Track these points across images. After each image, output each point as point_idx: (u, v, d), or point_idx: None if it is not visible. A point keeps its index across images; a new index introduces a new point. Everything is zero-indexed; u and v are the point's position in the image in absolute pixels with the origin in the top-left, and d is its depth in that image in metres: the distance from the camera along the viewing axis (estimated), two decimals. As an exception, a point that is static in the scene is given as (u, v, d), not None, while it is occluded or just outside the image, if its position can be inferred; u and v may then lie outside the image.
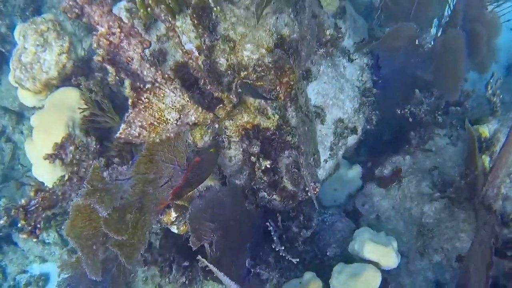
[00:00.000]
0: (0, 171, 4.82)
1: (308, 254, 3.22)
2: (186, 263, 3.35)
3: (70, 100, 3.11)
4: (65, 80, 3.28)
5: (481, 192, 2.83)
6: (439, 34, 3.54)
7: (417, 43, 3.36)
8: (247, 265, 3.03)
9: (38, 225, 2.99)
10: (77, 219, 2.73)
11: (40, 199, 2.92)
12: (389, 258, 2.84)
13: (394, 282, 3.14)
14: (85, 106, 3.03)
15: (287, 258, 2.94)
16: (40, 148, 3.07)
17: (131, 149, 3.19)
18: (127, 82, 2.59)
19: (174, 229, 3.21)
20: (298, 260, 2.88)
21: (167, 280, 3.51)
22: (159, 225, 3.32)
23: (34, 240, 3.10)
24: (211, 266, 2.58)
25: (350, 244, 3.02)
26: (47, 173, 3.12)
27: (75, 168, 2.92)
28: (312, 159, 3.12)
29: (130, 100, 2.55)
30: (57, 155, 2.84)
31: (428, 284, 3.20)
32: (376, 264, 2.82)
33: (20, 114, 4.64)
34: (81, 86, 2.93)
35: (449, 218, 3.18)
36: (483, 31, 3.19)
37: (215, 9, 2.81)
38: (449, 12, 3.45)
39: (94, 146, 2.96)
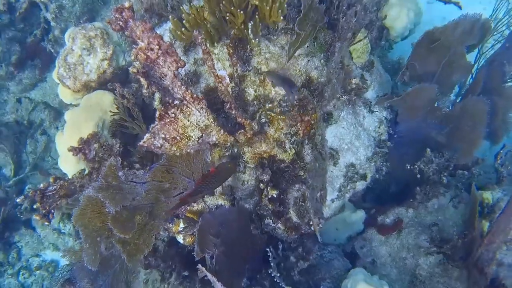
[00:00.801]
0: (32, 160, 5.12)
1: (302, 285, 3.33)
2: (185, 273, 3.50)
3: (104, 103, 3.34)
4: (102, 84, 3.52)
5: (476, 254, 2.94)
6: (458, 100, 3.70)
7: (436, 105, 3.52)
8: (243, 284, 3.17)
9: (52, 211, 3.18)
10: (87, 209, 2.92)
11: (58, 186, 3.11)
12: (379, 301, 2.95)
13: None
14: (116, 110, 3.24)
15: (281, 284, 3.07)
16: (68, 142, 3.28)
17: (153, 157, 3.37)
18: (157, 96, 2.77)
19: (180, 239, 3.37)
20: (290, 288, 3.01)
21: (166, 285, 3.66)
22: (167, 233, 3.47)
23: (46, 223, 3.26)
24: (209, 275, 2.71)
25: (343, 282, 3.13)
26: (70, 166, 3.34)
27: (97, 165, 3.11)
28: (319, 194, 3.26)
29: (157, 113, 2.74)
30: (81, 149, 3.04)
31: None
32: (366, 305, 2.94)
33: (58, 111, 4.92)
34: (115, 92, 3.13)
35: (442, 274, 3.28)
36: (501, 103, 3.36)
37: (253, 41, 3.00)
38: (471, 81, 3.64)
39: (118, 148, 3.15)
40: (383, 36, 3.77)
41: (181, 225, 3.33)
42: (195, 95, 2.74)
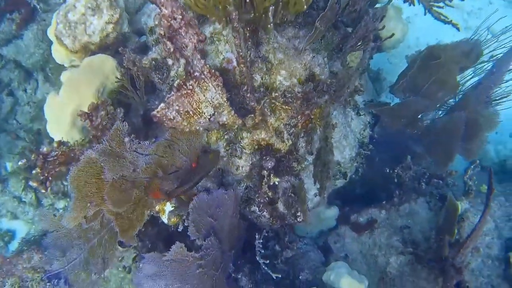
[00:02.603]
0: (-6, 121, 4.74)
1: (284, 273, 3.41)
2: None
3: (106, 67, 3.19)
4: (102, 48, 3.36)
5: (452, 256, 3.19)
6: (439, 114, 3.99)
7: (419, 117, 3.77)
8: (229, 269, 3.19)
9: (50, 178, 3.00)
10: (84, 170, 2.78)
11: (60, 152, 2.95)
12: (360, 294, 3.11)
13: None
14: (120, 77, 3.13)
15: (264, 271, 3.12)
16: (64, 104, 3.11)
17: (147, 133, 3.29)
18: (182, 62, 2.71)
19: (164, 219, 3.28)
20: (279, 276, 3.08)
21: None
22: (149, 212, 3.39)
23: (43, 191, 3.05)
24: None
25: (325, 273, 3.26)
26: (61, 132, 3.15)
27: (99, 133, 2.98)
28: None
29: (177, 82, 2.69)
30: (90, 115, 2.90)
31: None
32: (348, 298, 3.09)
33: (30, 73, 4.62)
34: (124, 57, 3.02)
35: (411, 273, 3.52)
36: (482, 122, 3.67)
37: (269, 27, 3.02)
38: (456, 99, 3.94)
39: (120, 118, 3.04)
40: (376, 46, 3.96)
41: (168, 204, 3.26)
42: (213, 70, 2.73)
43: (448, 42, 3.76)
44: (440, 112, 4.05)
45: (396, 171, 3.72)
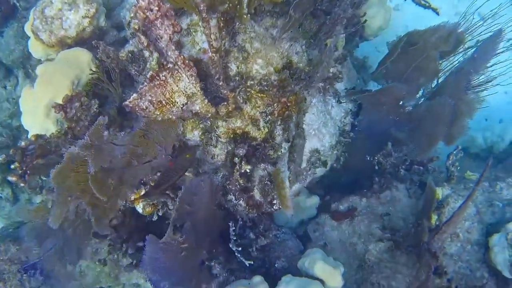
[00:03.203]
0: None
1: (257, 261, 3.44)
2: (140, 244, 3.50)
3: (82, 60, 3.23)
4: (79, 42, 3.40)
5: (431, 241, 3.20)
6: (421, 101, 3.97)
7: (400, 103, 3.75)
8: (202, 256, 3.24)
9: (28, 171, 3.07)
10: (67, 167, 2.83)
11: (38, 145, 3.02)
12: (335, 279, 3.10)
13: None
14: (96, 69, 3.18)
15: (239, 259, 3.16)
16: (38, 96, 3.17)
17: (122, 122, 3.33)
18: (155, 56, 2.75)
19: (139, 209, 3.33)
20: (252, 262, 3.11)
21: (117, 256, 3.64)
22: (124, 203, 3.42)
23: (22, 185, 3.12)
24: None
25: (300, 260, 3.27)
26: (36, 124, 3.21)
27: (73, 124, 3.03)
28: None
29: (149, 73, 2.72)
30: (64, 107, 2.95)
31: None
32: (322, 283, 3.09)
33: (10, 70, 4.68)
34: (99, 50, 3.06)
35: (390, 260, 3.52)
36: (462, 108, 3.65)
37: (244, 17, 3.04)
38: (437, 85, 3.91)
39: (95, 109, 3.09)
40: (358, 33, 3.95)
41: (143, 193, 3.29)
42: (187, 61, 2.76)
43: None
44: (422, 98, 4.02)
45: (376, 158, 3.71)
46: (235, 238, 3.16)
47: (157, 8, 2.64)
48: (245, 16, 3.06)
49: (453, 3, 6.10)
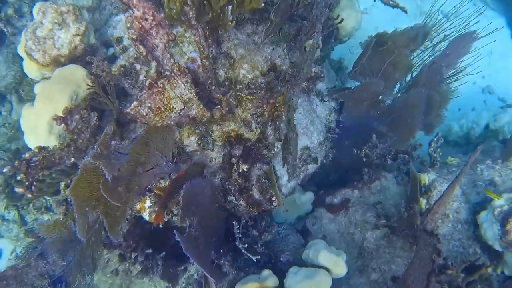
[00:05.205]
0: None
1: (263, 257, 3.55)
2: (149, 251, 3.58)
3: (77, 76, 3.35)
4: (72, 60, 3.51)
5: (424, 221, 3.37)
6: (398, 94, 4.20)
7: (379, 98, 3.96)
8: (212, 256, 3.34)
9: (34, 182, 3.13)
10: (82, 178, 2.94)
11: (41, 157, 3.09)
12: (339, 267, 3.24)
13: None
14: (92, 84, 3.29)
15: (246, 256, 3.26)
16: (39, 113, 3.26)
17: (121, 133, 3.43)
18: (153, 64, 2.88)
19: (145, 216, 3.40)
20: (259, 258, 3.22)
21: (127, 265, 3.70)
22: (130, 212, 3.51)
23: (29, 196, 3.17)
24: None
25: (304, 252, 3.40)
26: (39, 141, 3.28)
27: (75, 137, 3.13)
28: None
29: (148, 81, 2.86)
30: (65, 119, 3.04)
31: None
32: (328, 271, 3.22)
33: (2, 96, 4.74)
34: (93, 65, 3.18)
35: (387, 245, 3.68)
36: (437, 98, 3.89)
37: (229, 23, 3.19)
38: (411, 78, 4.16)
39: (94, 121, 3.19)
40: (333, 35, 4.18)
41: (148, 202, 3.40)
42: (182, 68, 2.91)
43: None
44: (399, 92, 4.26)
45: (363, 150, 3.90)
46: (240, 236, 3.27)
47: (152, 18, 2.80)
48: (230, 23, 3.23)
49: (417, 3, 6.45)
